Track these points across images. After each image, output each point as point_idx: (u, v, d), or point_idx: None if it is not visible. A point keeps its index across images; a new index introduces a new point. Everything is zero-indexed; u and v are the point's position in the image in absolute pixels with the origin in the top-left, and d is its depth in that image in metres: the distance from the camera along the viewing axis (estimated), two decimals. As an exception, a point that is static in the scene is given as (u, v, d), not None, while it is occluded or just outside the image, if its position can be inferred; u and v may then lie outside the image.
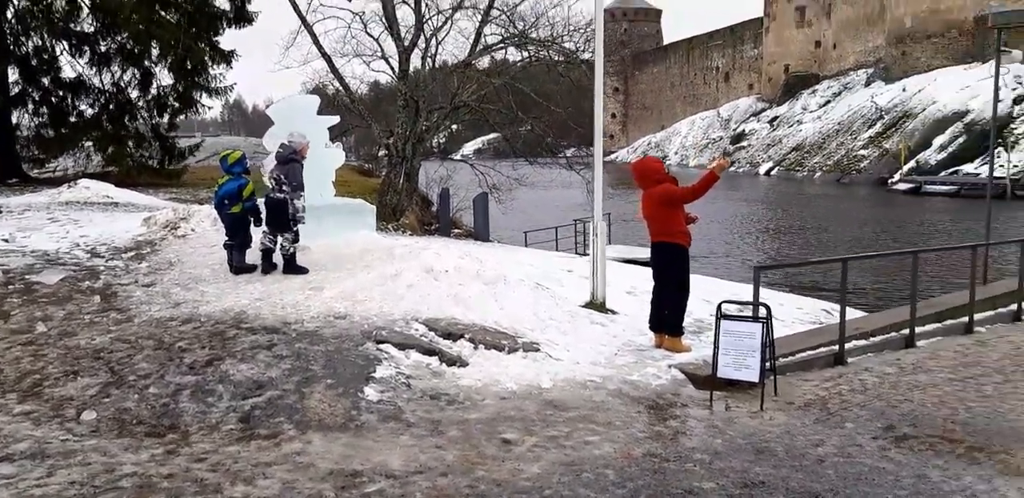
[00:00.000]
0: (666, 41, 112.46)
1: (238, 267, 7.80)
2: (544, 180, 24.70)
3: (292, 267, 7.67)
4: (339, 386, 5.16)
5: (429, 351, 5.89)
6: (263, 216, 7.85)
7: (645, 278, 11.26)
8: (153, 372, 5.28)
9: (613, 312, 7.79)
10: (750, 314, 6.29)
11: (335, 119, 9.26)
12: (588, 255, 20.35)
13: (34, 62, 22.68)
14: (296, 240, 7.64)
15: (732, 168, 76.57)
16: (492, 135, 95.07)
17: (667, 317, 6.58)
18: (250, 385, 5.11)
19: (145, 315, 6.53)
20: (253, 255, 7.91)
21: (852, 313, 8.54)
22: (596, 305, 7.75)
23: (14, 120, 22.61)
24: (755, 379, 5.43)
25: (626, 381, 5.71)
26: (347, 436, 4.51)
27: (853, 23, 75.78)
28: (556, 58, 19.87)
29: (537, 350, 6.12)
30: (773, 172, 70.47)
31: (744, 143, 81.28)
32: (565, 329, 6.81)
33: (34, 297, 6.92)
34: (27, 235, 9.87)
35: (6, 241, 9.44)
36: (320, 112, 9.20)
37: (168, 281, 7.60)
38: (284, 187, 7.46)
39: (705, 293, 9.19)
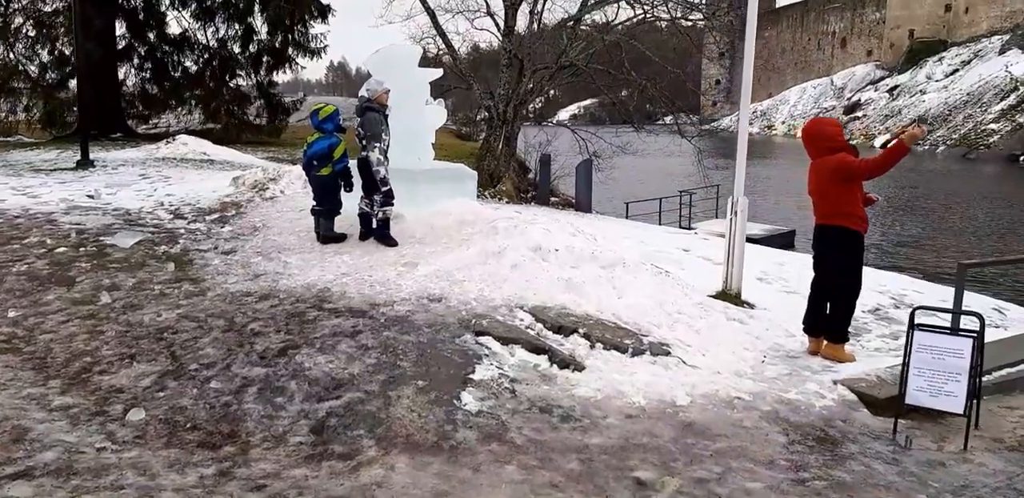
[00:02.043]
0: (779, 3, 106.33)
1: (325, 236, 7.01)
2: (644, 148, 23.23)
3: (382, 237, 6.82)
4: (432, 389, 4.25)
5: (537, 348, 4.91)
6: (354, 180, 7.01)
7: (774, 261, 9.95)
8: (219, 360, 4.50)
9: (749, 305, 6.61)
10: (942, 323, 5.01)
11: (437, 72, 8.28)
12: (694, 229, 18.99)
13: (141, 16, 22.69)
14: (387, 203, 6.76)
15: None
16: (589, 101, 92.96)
17: (829, 319, 5.37)
18: (327, 383, 4.26)
19: (220, 288, 5.81)
20: (344, 223, 7.11)
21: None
22: (730, 296, 6.58)
23: (120, 75, 22.74)
24: (959, 410, 4.21)
25: (782, 400, 4.58)
26: (439, 461, 3.59)
27: (990, -15, 69.30)
28: (672, 14, 18.26)
29: (667, 353, 5.04)
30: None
31: (859, 113, 76.23)
32: (697, 326, 5.69)
33: (105, 262, 6.31)
34: (114, 192, 9.42)
35: (91, 197, 9.00)
36: (422, 65, 8.25)
37: (250, 249, 6.88)
38: (363, 141, 6.59)
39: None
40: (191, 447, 3.59)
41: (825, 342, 5.43)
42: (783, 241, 19.33)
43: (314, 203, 7.08)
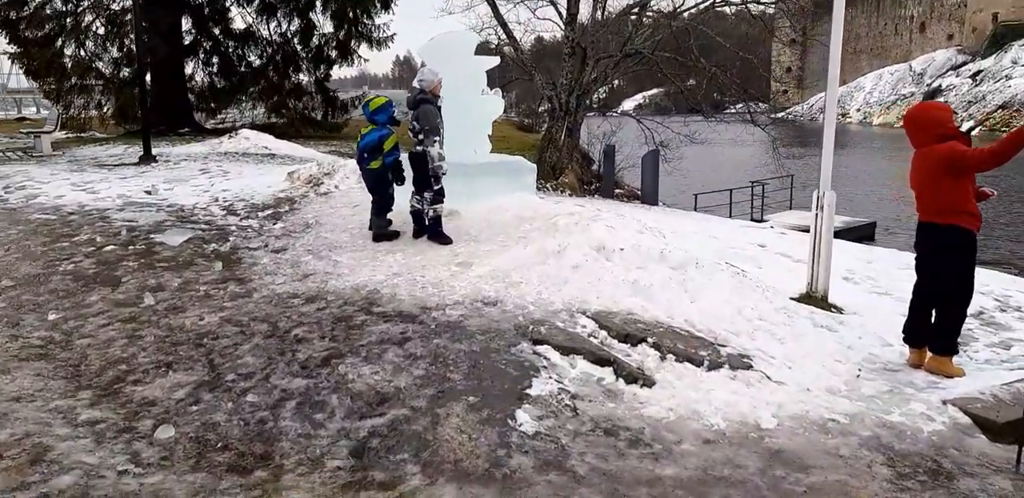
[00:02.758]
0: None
1: (377, 233, 6.69)
2: (714, 137, 22.35)
3: (435, 234, 6.44)
4: (484, 406, 3.84)
5: (601, 359, 4.45)
6: (406, 174, 6.66)
7: (860, 258, 9.19)
8: (258, 370, 4.19)
9: (837, 309, 5.99)
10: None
11: (495, 60, 7.84)
12: (767, 221, 18.10)
13: (206, 11, 22.93)
14: (438, 200, 6.38)
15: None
16: (655, 90, 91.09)
17: (936, 328, 4.74)
18: (371, 398, 3.90)
19: (266, 289, 5.52)
20: (397, 220, 6.77)
21: None
22: (816, 299, 5.98)
23: (189, 70, 23.07)
24: (1101, 442, 3.58)
25: (884, 424, 4.01)
26: (491, 493, 3.18)
27: (1087, -38, 65.04)
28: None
29: (749, 367, 4.51)
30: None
31: (940, 99, 72.54)
32: (781, 335, 5.13)
33: (152, 261, 6.11)
34: (171, 187, 9.33)
35: (148, 193, 8.92)
36: (479, 54, 7.84)
37: (300, 247, 6.60)
38: (419, 136, 6.20)
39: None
40: (220, 471, 3.26)
41: (929, 354, 4.81)
42: (863, 233, 18.30)
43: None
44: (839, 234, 16.81)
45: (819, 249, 5.99)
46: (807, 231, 15.51)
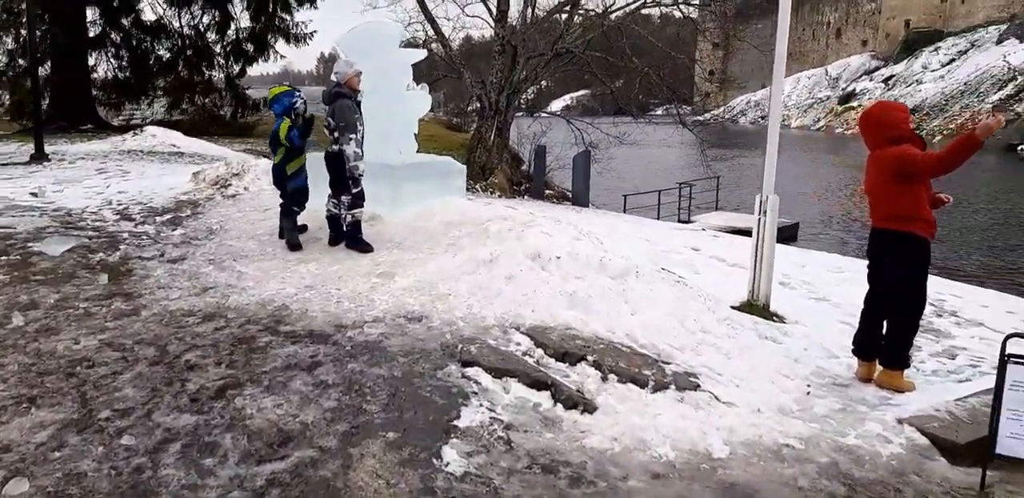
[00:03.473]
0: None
1: (288, 241, 6.11)
2: (642, 139, 22.30)
3: (354, 241, 5.91)
4: (406, 444, 3.35)
5: (538, 382, 4.02)
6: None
7: (793, 261, 9.05)
8: (138, 405, 3.59)
9: (780, 318, 5.72)
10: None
11: (421, 53, 7.32)
12: (694, 222, 18.08)
13: (116, 2, 21.56)
14: (356, 204, 5.86)
15: (839, 129, 71.59)
16: (581, 92, 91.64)
17: (887, 341, 4.49)
18: (272, 437, 3.36)
19: (157, 306, 4.89)
20: (313, 226, 6.21)
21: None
22: (757, 308, 5.70)
23: (92, 62, 21.63)
24: (1072, 466, 3.34)
25: (840, 448, 3.70)
26: (412, 554, 2.70)
27: (987, -26, 68.65)
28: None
29: (696, 387, 4.15)
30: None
31: (854, 103, 75.43)
32: (727, 348, 4.80)
33: (27, 273, 5.38)
34: (61, 189, 8.47)
35: (34, 195, 8.05)
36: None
37: (201, 256, 5.96)
38: (335, 133, 5.66)
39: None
40: (78, 539, 2.68)
41: (879, 367, 4.55)
42: (786, 234, 18.47)
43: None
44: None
45: (762, 255, 5.71)
46: (735, 233, 15.46)
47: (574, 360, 4.28)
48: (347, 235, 5.93)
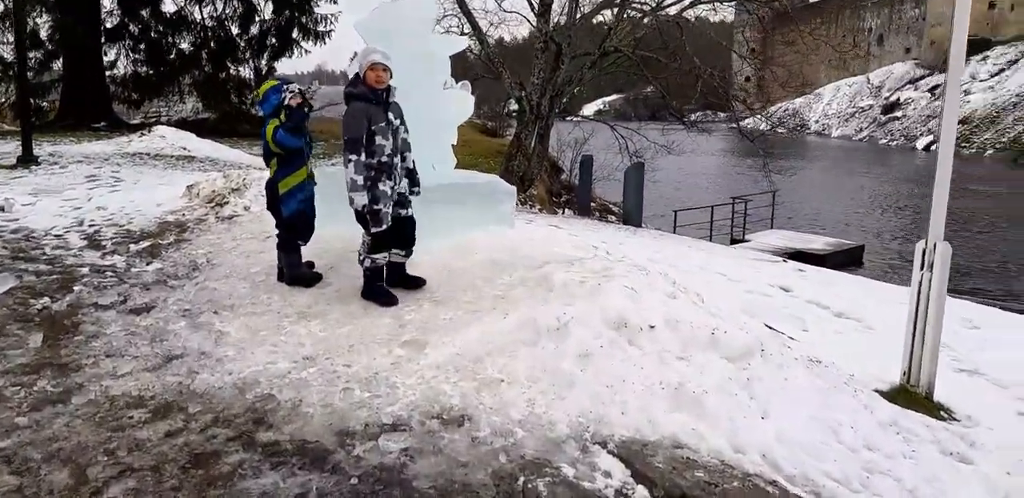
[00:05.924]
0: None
1: (289, 276, 4.71)
2: (694, 147, 20.72)
3: (372, 292, 4.47)
4: None
5: (648, 553, 2.54)
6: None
7: (884, 299, 7.40)
8: None
9: (948, 413, 4.19)
10: None
11: (461, 42, 5.87)
12: (749, 241, 16.46)
13: (133, -9, 20.42)
14: (376, 248, 4.41)
15: (883, 140, 68.95)
16: (614, 96, 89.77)
17: None
18: None
19: (97, 387, 3.48)
20: (321, 263, 4.80)
21: None
22: (917, 398, 4.17)
23: (111, 57, 20.52)
24: None
25: None
26: None
27: (1041, -20, 66.11)
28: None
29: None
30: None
31: (898, 113, 73.07)
32: (907, 478, 3.27)
33: (-66, 329, 4.01)
34: (34, 201, 7.15)
35: (0, 209, 6.73)
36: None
37: (174, 305, 4.55)
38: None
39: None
40: None
41: None
42: (849, 258, 16.77)
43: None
44: (825, 258, 15.31)
45: (926, 324, 4.18)
46: (795, 256, 13.83)
47: (695, 507, 2.80)
48: (364, 283, 4.48)
